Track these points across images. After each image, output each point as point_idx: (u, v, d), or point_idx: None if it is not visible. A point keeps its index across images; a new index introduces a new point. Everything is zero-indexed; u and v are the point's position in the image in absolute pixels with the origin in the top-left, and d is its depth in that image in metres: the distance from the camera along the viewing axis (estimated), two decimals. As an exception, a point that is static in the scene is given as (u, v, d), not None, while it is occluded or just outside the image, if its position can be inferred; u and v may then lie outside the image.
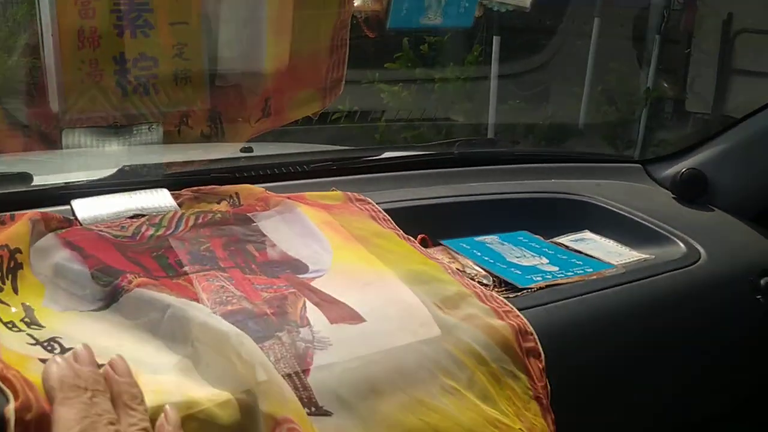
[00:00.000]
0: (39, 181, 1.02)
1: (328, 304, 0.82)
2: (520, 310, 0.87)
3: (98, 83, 1.14)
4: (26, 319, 0.76)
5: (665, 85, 4.50)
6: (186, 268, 0.87)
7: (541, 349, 0.83)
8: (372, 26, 1.25)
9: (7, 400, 0.60)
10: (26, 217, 0.87)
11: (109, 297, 0.79)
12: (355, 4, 1.22)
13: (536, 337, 0.83)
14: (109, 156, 1.15)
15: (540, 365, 0.83)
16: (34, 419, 0.60)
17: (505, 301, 0.87)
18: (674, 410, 0.98)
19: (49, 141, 1.14)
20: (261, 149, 1.47)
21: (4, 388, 0.61)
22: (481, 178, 1.33)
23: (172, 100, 1.19)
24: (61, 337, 0.72)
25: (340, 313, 0.80)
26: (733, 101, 4.12)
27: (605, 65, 4.21)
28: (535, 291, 0.96)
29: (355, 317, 0.79)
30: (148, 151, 1.24)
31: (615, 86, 4.31)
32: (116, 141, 1.09)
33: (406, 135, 3.54)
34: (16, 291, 0.80)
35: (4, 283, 0.79)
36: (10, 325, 0.74)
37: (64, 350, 0.70)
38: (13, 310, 0.76)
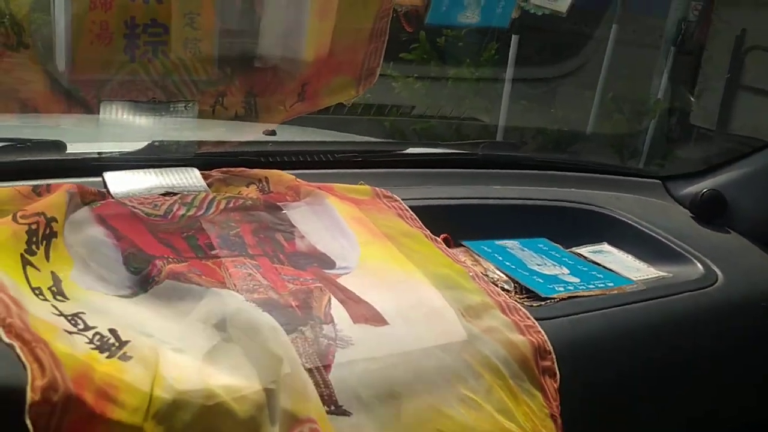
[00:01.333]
0: (72, 149, 1.02)
1: (352, 302, 0.82)
2: (542, 320, 0.88)
3: (107, 45, 1.13)
4: (53, 288, 0.76)
5: (674, 96, 4.51)
6: (215, 252, 0.88)
7: (557, 368, 0.84)
8: (411, 20, 1.25)
9: (33, 376, 0.59)
10: (63, 188, 0.88)
11: (139, 285, 0.79)
12: (398, -1, 1.22)
13: (554, 356, 0.84)
14: (137, 129, 1.15)
15: (555, 385, 0.83)
16: (60, 401, 0.59)
17: (527, 314, 0.88)
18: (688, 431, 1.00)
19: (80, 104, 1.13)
20: (282, 132, 1.48)
21: (28, 362, 0.60)
22: (503, 181, 1.34)
23: (180, 69, 1.18)
24: (84, 313, 0.73)
25: (363, 313, 0.81)
26: (739, 118, 4.13)
27: (619, 72, 4.21)
28: (557, 302, 0.97)
29: (378, 319, 0.80)
30: (174, 126, 1.25)
31: (626, 94, 4.31)
32: (150, 116, 1.09)
33: (416, 127, 3.53)
34: (48, 258, 0.80)
35: (38, 248, 0.80)
36: (37, 292, 0.74)
37: (87, 327, 0.70)
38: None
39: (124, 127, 1.08)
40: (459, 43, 3.68)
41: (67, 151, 1.01)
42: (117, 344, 0.67)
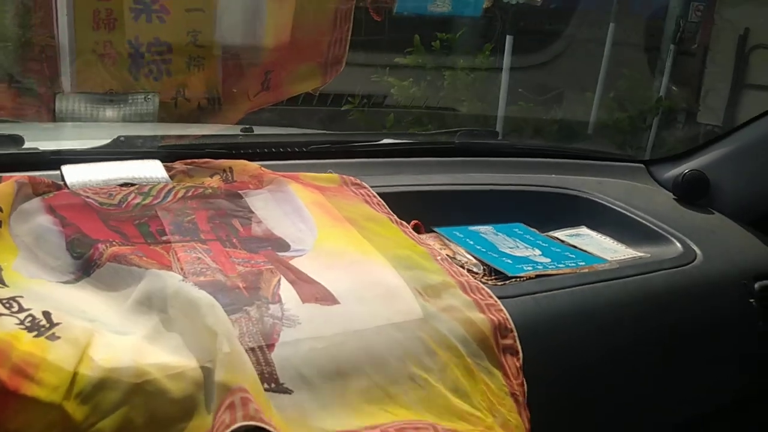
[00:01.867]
0: (31, 145, 1.01)
1: (303, 282, 0.80)
2: (507, 298, 0.86)
3: (111, 65, 1.13)
4: None
5: (677, 95, 4.48)
6: (166, 237, 0.86)
7: (519, 346, 0.81)
8: (379, 11, 1.24)
9: None
10: (13, 179, 0.86)
11: (81, 270, 0.78)
12: (362, -15, 1.20)
13: (515, 334, 0.81)
14: (104, 127, 1.14)
15: (517, 363, 0.80)
16: None
17: (490, 293, 0.85)
18: (658, 410, 0.96)
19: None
20: (261, 131, 1.46)
21: None
22: (481, 169, 1.32)
23: (181, 84, 1.17)
24: (21, 297, 0.71)
25: (313, 292, 0.78)
26: (745, 115, 4.10)
27: (618, 72, 4.18)
28: (524, 280, 0.94)
29: (328, 298, 0.78)
30: (146, 126, 1.23)
31: (626, 94, 4.28)
32: (111, 109, 1.08)
33: (413, 131, 3.51)
34: None
35: None
36: None
37: (21, 309, 0.68)
38: None
39: (84, 123, 1.06)
40: (454, 46, 3.66)
41: (26, 146, 1.00)
42: (47, 325, 0.66)
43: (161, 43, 1.14)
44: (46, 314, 0.67)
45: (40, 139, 1.07)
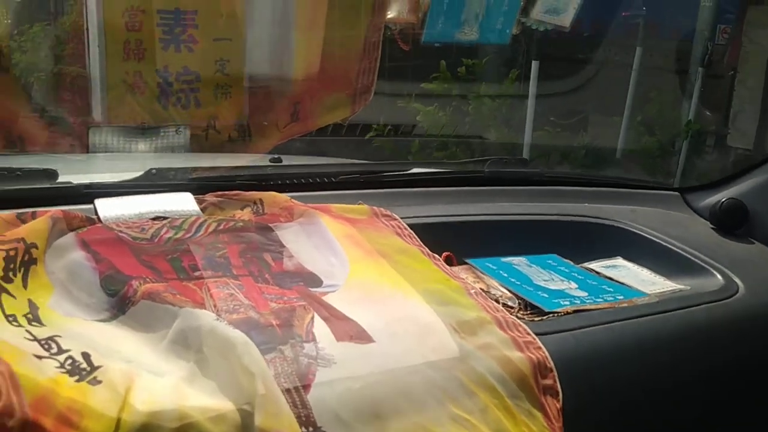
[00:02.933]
0: (65, 179, 1.02)
1: (336, 320, 0.79)
2: (545, 334, 0.83)
3: (141, 95, 1.14)
4: (29, 316, 0.74)
5: (707, 118, 4.43)
6: (198, 273, 0.86)
7: (559, 387, 0.78)
8: (406, 39, 1.23)
9: None
10: (48, 214, 0.87)
11: (116, 308, 0.77)
12: (391, 15, 1.20)
13: (556, 374, 0.79)
14: (136, 159, 1.15)
15: (558, 404, 0.78)
16: (16, 427, 0.58)
17: (527, 329, 0.83)
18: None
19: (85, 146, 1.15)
20: (289, 161, 1.46)
21: None
22: (512, 198, 1.30)
23: (210, 113, 1.18)
24: (60, 336, 0.71)
25: (347, 330, 0.77)
26: (776, 138, 4.03)
27: (645, 95, 4.15)
28: (561, 316, 0.92)
29: (363, 336, 0.76)
30: (177, 156, 1.24)
31: (655, 118, 4.24)
32: (143, 142, 1.09)
33: (437, 155, 3.51)
34: (25, 286, 0.79)
35: (15, 276, 0.78)
36: (11, 319, 0.73)
37: (60, 350, 0.68)
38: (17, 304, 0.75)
39: (117, 155, 1.07)
40: (480, 71, 3.67)
41: (60, 180, 1.01)
42: (88, 368, 0.65)
43: (190, 72, 1.15)
44: (86, 356, 0.67)
45: (72, 172, 1.07)
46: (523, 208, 1.26)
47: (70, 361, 0.66)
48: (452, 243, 1.10)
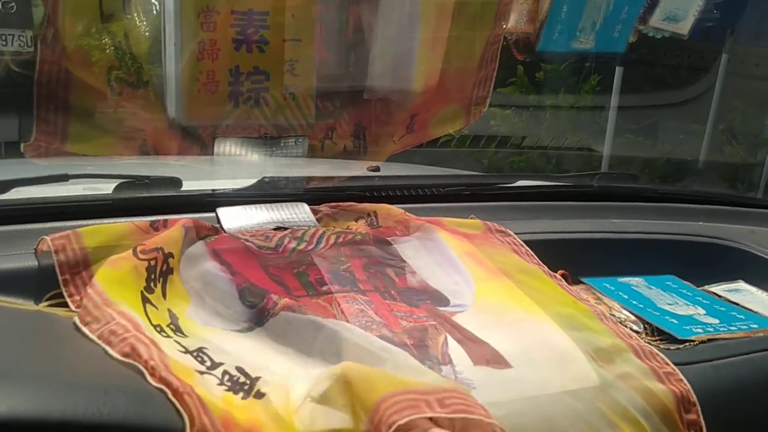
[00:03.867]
0: (187, 186, 1.03)
1: (471, 342, 0.77)
2: (683, 365, 0.80)
3: (213, 93, 1.15)
4: (172, 326, 0.75)
5: (794, 128, 4.24)
6: (326, 287, 0.85)
7: (703, 423, 0.75)
8: (521, 48, 1.21)
9: (183, 425, 0.59)
10: (179, 223, 0.88)
11: (255, 319, 0.78)
12: (508, 26, 1.17)
13: (699, 408, 0.75)
14: (250, 166, 1.16)
15: None
16: None
17: (665, 359, 0.79)
18: None
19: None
20: (387, 169, 1.46)
21: (183, 410, 0.60)
22: (622, 214, 1.26)
23: (279, 113, 1.19)
24: (207, 348, 0.71)
25: (483, 354, 0.75)
26: None
27: (730, 103, 3.99)
28: (696, 345, 0.88)
29: (500, 361, 0.74)
30: (282, 163, 1.25)
31: (739, 127, 4.08)
32: (262, 152, 1.10)
33: (513, 160, 3.46)
34: (164, 296, 0.80)
35: (155, 286, 0.80)
36: (158, 329, 0.74)
37: (214, 364, 0.69)
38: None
39: (236, 164, 1.08)
40: (558, 77, 3.59)
41: (182, 188, 1.02)
42: (248, 383, 0.66)
43: (260, 72, 1.15)
44: (240, 370, 0.67)
45: (192, 178, 1.09)
46: (635, 225, 1.22)
47: (227, 377, 0.67)
48: (566, 261, 1.07)
